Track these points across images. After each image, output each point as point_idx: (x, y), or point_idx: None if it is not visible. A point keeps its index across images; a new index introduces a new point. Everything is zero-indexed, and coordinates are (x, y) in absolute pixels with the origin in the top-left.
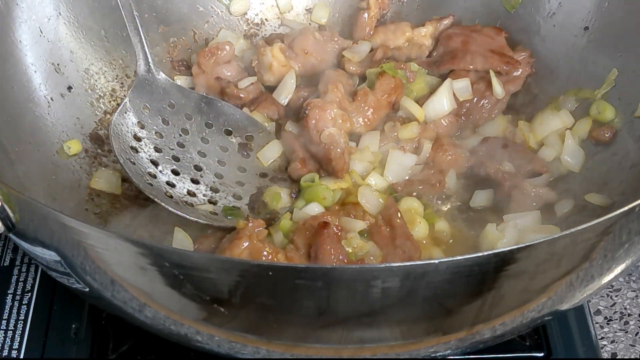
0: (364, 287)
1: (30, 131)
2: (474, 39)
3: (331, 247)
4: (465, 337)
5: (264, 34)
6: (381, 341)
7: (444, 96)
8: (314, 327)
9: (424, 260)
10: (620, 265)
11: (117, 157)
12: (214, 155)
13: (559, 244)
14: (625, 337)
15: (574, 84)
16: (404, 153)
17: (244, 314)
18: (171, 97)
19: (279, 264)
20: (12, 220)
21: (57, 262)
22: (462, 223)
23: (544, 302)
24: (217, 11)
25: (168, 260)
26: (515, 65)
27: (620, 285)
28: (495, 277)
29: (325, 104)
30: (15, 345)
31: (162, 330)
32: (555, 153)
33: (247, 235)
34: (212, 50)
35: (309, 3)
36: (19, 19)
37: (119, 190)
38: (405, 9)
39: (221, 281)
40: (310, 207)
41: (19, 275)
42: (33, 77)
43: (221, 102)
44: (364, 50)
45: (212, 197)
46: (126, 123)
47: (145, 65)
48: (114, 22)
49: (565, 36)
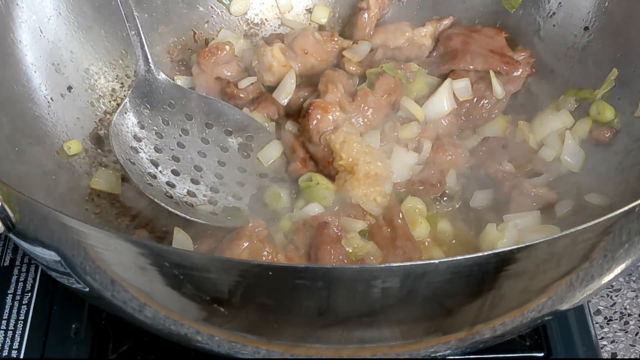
0: (364, 287)
1: (30, 131)
2: (474, 39)
3: (331, 247)
4: (465, 337)
5: (264, 34)
6: (381, 341)
7: (444, 96)
8: (314, 327)
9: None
10: (620, 265)
11: (117, 157)
12: (214, 156)
13: (559, 244)
14: (625, 337)
15: (574, 84)
16: (407, 152)
17: (244, 314)
18: (171, 97)
19: (279, 264)
20: (12, 220)
21: (57, 262)
22: (462, 223)
23: (544, 302)
24: (217, 11)
25: (168, 260)
26: (515, 65)
27: (620, 285)
28: (495, 277)
29: (327, 105)
30: (15, 345)
31: (162, 330)
32: (555, 153)
33: (247, 235)
34: (212, 50)
35: (309, 3)
36: (19, 19)
37: (119, 190)
38: (405, 9)
39: (221, 281)
40: (310, 207)
41: (19, 275)
42: (33, 77)
43: (221, 102)
44: (364, 50)
45: (212, 197)
46: (126, 123)
47: (145, 66)
48: (114, 22)
49: (565, 36)
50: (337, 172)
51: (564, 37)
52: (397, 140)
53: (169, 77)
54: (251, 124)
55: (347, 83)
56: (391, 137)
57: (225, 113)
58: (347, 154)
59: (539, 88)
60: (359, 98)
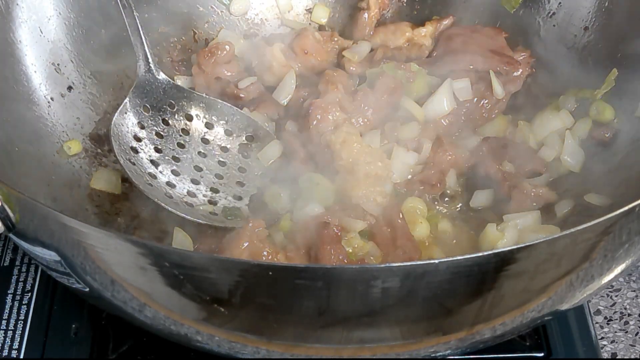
0: (364, 287)
1: (30, 131)
2: (474, 39)
3: (331, 247)
4: (465, 337)
5: (264, 34)
6: (381, 341)
7: (444, 96)
8: (314, 327)
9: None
10: (620, 265)
11: (117, 157)
12: (214, 156)
13: (559, 244)
14: (625, 337)
15: (574, 84)
16: (407, 152)
17: (244, 314)
18: (171, 97)
19: (279, 264)
20: (12, 220)
21: (57, 262)
22: (462, 223)
23: (544, 302)
24: (217, 11)
25: (168, 260)
26: (515, 66)
27: (620, 285)
28: (495, 277)
29: (327, 105)
30: (15, 345)
31: (162, 330)
32: (555, 153)
33: (247, 235)
34: (212, 50)
35: (309, 3)
36: (19, 19)
37: (119, 190)
38: (405, 9)
39: (221, 281)
40: (311, 207)
41: (19, 275)
42: (33, 77)
43: (221, 103)
44: (364, 50)
45: (212, 197)
46: (126, 123)
47: (146, 66)
48: (113, 21)
49: (565, 36)
50: (337, 172)
51: (564, 37)
52: (397, 140)
53: (169, 77)
54: (251, 124)
55: (347, 83)
56: (391, 137)
57: (225, 113)
58: (347, 154)
59: (539, 88)
60: (359, 98)
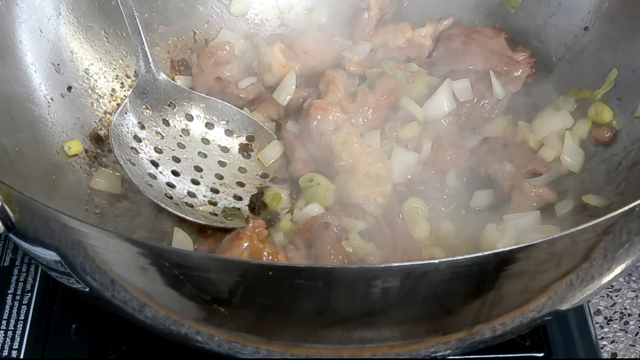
0: (364, 287)
1: (30, 131)
2: (474, 39)
3: (331, 247)
4: (465, 337)
5: (264, 34)
6: (381, 341)
7: (444, 96)
8: (314, 327)
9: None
10: (620, 265)
11: (117, 157)
12: (215, 156)
13: (559, 244)
14: (625, 337)
15: (574, 84)
16: (407, 152)
17: (244, 314)
18: (171, 97)
19: (279, 264)
20: (12, 220)
21: (57, 262)
22: (462, 223)
23: (544, 302)
24: (217, 11)
25: (168, 260)
26: (515, 66)
27: (620, 285)
28: (495, 277)
29: (328, 106)
30: (15, 345)
31: (162, 330)
32: (555, 153)
33: (247, 235)
34: (212, 50)
35: (309, 3)
36: (19, 19)
37: (119, 190)
38: (405, 9)
39: (221, 281)
40: (311, 207)
41: (19, 275)
42: (33, 77)
43: (221, 103)
44: (364, 50)
45: (212, 198)
46: (126, 124)
47: (146, 66)
48: (114, 22)
49: (566, 36)
50: (337, 173)
51: (564, 38)
52: (397, 140)
53: (169, 77)
54: (251, 124)
55: (347, 83)
56: (391, 137)
57: (226, 113)
58: (347, 154)
59: (539, 88)
60: (359, 98)
